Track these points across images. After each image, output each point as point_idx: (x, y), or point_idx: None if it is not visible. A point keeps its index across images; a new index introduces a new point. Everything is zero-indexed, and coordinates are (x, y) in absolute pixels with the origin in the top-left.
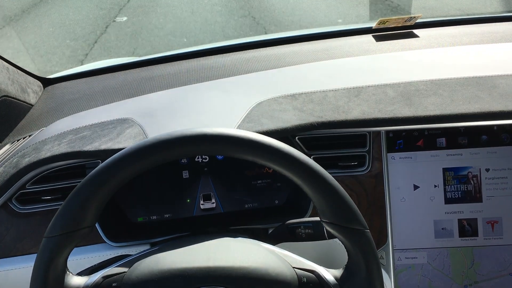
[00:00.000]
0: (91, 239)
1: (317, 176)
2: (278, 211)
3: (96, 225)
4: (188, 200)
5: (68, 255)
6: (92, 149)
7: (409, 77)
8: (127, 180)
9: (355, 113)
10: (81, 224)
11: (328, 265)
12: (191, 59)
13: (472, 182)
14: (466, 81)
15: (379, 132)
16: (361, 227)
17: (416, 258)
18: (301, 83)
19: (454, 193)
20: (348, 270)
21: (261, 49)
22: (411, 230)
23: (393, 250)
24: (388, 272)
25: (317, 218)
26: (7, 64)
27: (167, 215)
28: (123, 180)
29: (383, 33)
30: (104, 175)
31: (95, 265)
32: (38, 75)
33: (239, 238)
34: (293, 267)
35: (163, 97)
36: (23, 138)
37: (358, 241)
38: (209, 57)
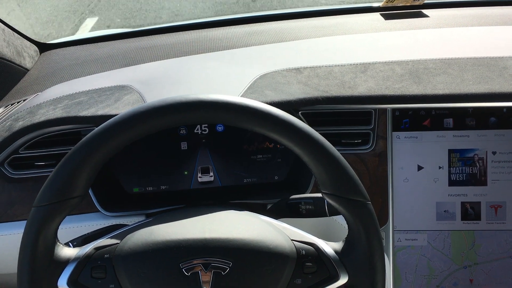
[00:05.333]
0: (85, 208)
1: (318, 145)
2: (278, 187)
3: (91, 194)
4: (186, 173)
5: (58, 225)
6: (89, 114)
7: (418, 55)
8: (120, 148)
9: (361, 89)
10: (72, 193)
11: (327, 239)
12: (193, 31)
13: (477, 164)
14: (477, 61)
15: (385, 110)
16: (363, 199)
17: (416, 240)
18: (306, 57)
19: (458, 175)
20: (348, 243)
21: (266, 23)
22: (412, 211)
23: (393, 230)
24: (387, 252)
25: (319, 195)
26: (3, 25)
27: (163, 187)
28: (116, 148)
29: (392, 12)
30: (95, 143)
31: (87, 234)
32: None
33: (236, 211)
34: (292, 240)
35: (163, 66)
36: (18, 102)
37: (359, 213)
38: (212, 29)
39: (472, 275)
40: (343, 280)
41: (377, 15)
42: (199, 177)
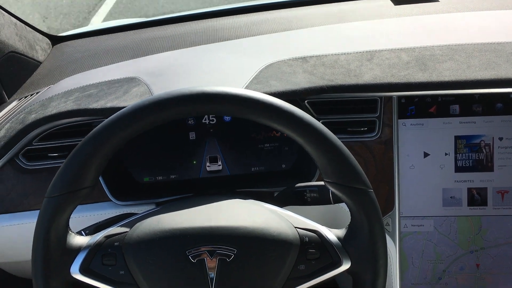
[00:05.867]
0: (98, 197)
1: (320, 135)
2: (285, 175)
3: (102, 184)
4: (195, 162)
5: (70, 214)
6: (98, 107)
7: (425, 41)
8: (127, 140)
9: (366, 78)
10: (81, 184)
11: (332, 227)
12: (201, 20)
13: (484, 150)
14: (484, 47)
15: (390, 98)
16: (364, 187)
17: (423, 226)
18: (313, 46)
19: (465, 162)
20: (351, 230)
21: (273, 11)
22: (419, 197)
23: (399, 217)
24: (393, 238)
25: (323, 183)
26: (15, 19)
27: (173, 176)
28: (123, 140)
29: None
30: (102, 136)
31: (98, 222)
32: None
33: (242, 199)
34: (295, 227)
35: (171, 57)
36: (31, 95)
37: (361, 200)
38: (219, 18)
39: (478, 259)
40: (345, 266)
41: (387, 1)
42: (208, 166)
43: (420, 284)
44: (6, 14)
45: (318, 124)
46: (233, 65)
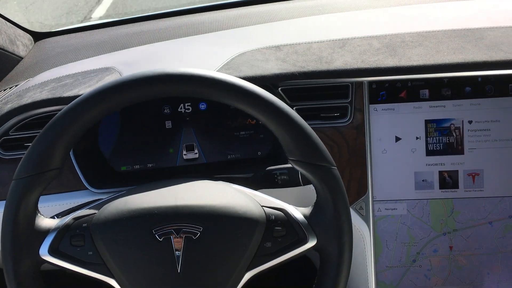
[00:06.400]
0: (75, 186)
1: (282, 113)
2: (261, 162)
3: (78, 172)
4: (171, 150)
5: (38, 196)
6: (72, 95)
7: (397, 29)
8: (92, 122)
9: (337, 64)
10: (48, 166)
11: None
12: (181, 16)
13: (454, 134)
14: (454, 33)
15: (361, 83)
16: (328, 164)
17: (396, 209)
18: (288, 36)
19: (436, 145)
20: (316, 207)
21: (252, 6)
22: (391, 181)
23: (372, 201)
24: (367, 222)
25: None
26: None
27: (150, 165)
28: (87, 123)
29: None
30: (66, 119)
31: (71, 208)
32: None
33: (208, 181)
34: (262, 206)
35: (149, 49)
36: (10, 88)
37: (325, 178)
38: (199, 14)
39: (451, 241)
40: (311, 242)
41: None
42: (184, 154)
43: (395, 267)
44: None
45: (281, 103)
46: (207, 54)
